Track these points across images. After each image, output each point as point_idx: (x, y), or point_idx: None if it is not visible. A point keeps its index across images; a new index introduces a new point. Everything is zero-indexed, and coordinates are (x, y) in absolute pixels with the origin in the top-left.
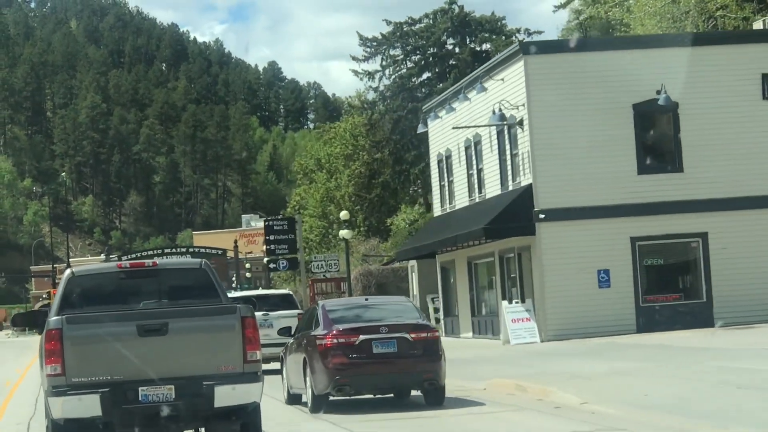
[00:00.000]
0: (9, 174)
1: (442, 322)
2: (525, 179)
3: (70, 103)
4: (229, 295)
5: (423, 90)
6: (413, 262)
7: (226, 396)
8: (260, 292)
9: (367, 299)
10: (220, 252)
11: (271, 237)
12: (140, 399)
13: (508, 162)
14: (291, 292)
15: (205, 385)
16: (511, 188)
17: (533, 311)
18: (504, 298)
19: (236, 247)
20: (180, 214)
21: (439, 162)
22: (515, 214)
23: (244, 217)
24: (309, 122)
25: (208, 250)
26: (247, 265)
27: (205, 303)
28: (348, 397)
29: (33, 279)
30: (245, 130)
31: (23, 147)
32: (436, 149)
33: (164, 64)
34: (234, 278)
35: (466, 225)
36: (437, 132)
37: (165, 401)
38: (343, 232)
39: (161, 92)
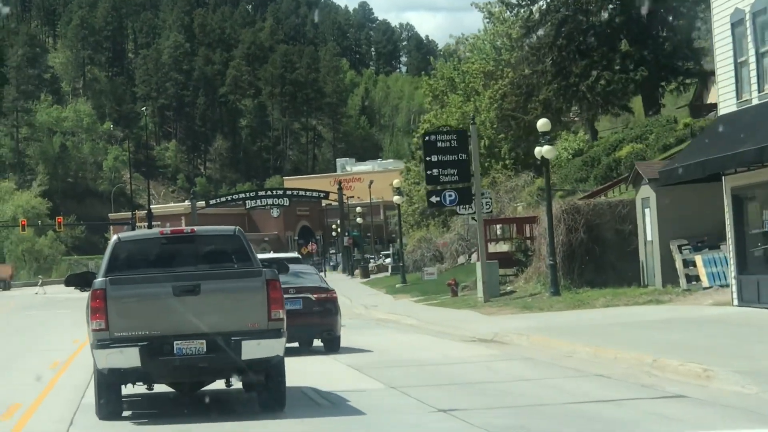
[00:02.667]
0: (88, 117)
1: (732, 281)
2: None
3: (153, 43)
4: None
5: None
6: (648, 193)
7: (252, 350)
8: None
9: None
10: (322, 195)
11: (434, 158)
12: (175, 352)
13: None
14: (299, 255)
15: (234, 340)
16: None
17: None
18: None
19: (340, 189)
20: (268, 160)
21: (734, 26)
22: None
23: (339, 161)
24: (401, 65)
25: (308, 192)
26: (358, 209)
27: (236, 266)
28: None
29: (111, 227)
30: (336, 72)
31: (103, 89)
32: (724, 6)
33: (251, 5)
34: (337, 225)
35: None
36: None
37: (197, 354)
38: (545, 149)
39: (248, 32)
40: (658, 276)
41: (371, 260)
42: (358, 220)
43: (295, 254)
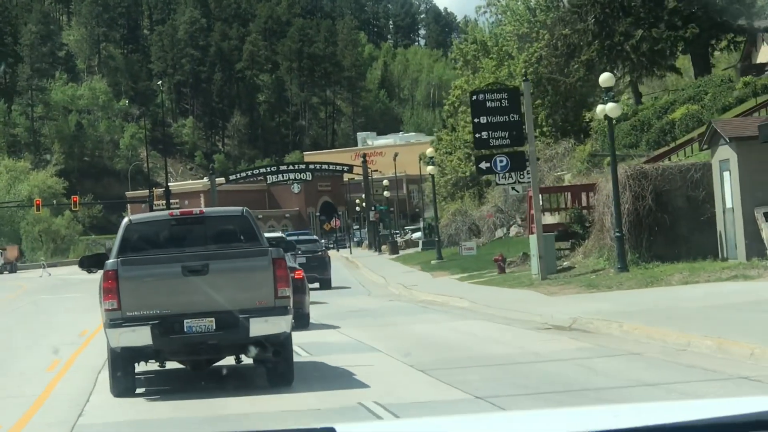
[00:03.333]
0: (104, 95)
1: None
2: None
3: (168, 19)
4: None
5: None
6: (727, 154)
7: (259, 327)
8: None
9: None
10: (346, 168)
11: (482, 119)
12: (185, 330)
13: None
14: (283, 235)
15: (242, 318)
16: None
17: None
18: None
19: (365, 162)
20: (287, 135)
21: None
22: None
23: (360, 135)
24: (420, 38)
25: (330, 166)
26: (385, 182)
27: (243, 246)
28: None
29: (129, 206)
30: (354, 45)
31: (119, 66)
32: None
33: None
34: (361, 200)
35: None
36: None
37: (207, 332)
38: (609, 107)
39: (264, 6)
40: (741, 248)
41: (397, 235)
42: (386, 193)
43: (279, 234)
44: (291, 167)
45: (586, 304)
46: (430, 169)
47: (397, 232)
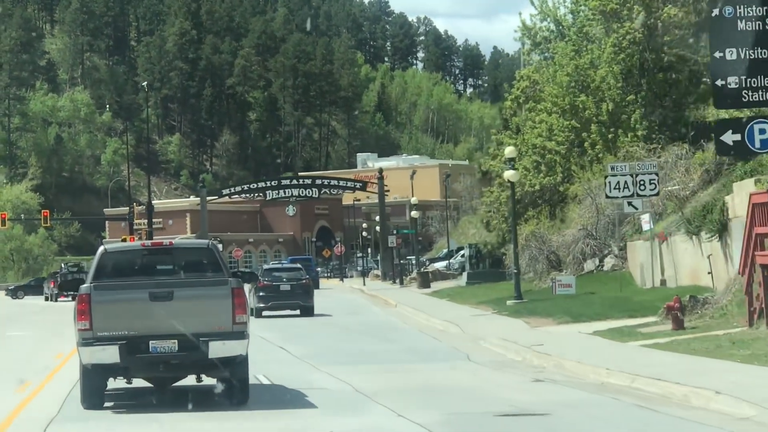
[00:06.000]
0: (86, 107)
1: None
2: None
3: (156, 30)
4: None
5: None
6: None
7: (218, 349)
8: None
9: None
10: (358, 185)
11: (726, 52)
12: (150, 350)
13: None
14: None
15: (202, 341)
16: None
17: None
18: None
19: (381, 178)
20: (278, 156)
21: None
22: None
23: (360, 156)
24: (418, 61)
25: (340, 182)
26: (413, 199)
27: (207, 276)
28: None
29: (107, 223)
30: (351, 64)
31: (102, 78)
32: None
33: None
34: (366, 226)
35: None
36: None
37: (170, 352)
38: None
39: (258, 21)
40: None
41: (421, 264)
42: (414, 213)
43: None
44: (294, 182)
45: None
46: (508, 174)
47: (410, 259)
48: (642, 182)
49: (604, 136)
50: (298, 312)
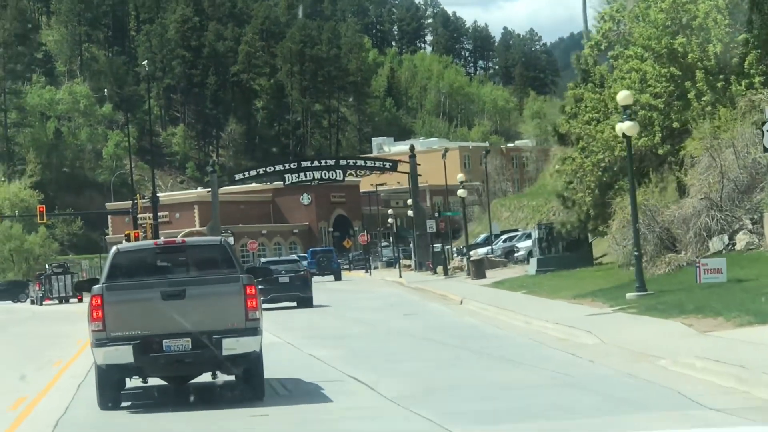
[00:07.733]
0: (85, 100)
1: None
2: None
3: (157, 18)
4: None
5: None
6: None
7: (231, 346)
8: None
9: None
10: (388, 165)
11: None
12: (164, 349)
13: None
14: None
15: (215, 338)
16: None
17: None
18: None
19: (413, 157)
20: (287, 145)
21: None
22: None
23: (376, 140)
24: (426, 45)
25: (367, 162)
26: (460, 176)
27: (221, 273)
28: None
29: (110, 218)
30: (359, 48)
31: (102, 69)
32: None
33: None
34: (392, 212)
35: None
36: None
37: (184, 351)
38: None
39: (261, 6)
40: None
41: (452, 253)
42: (460, 192)
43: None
44: (317, 163)
45: None
46: (625, 127)
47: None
48: None
49: (711, 85)
50: (295, 303)
